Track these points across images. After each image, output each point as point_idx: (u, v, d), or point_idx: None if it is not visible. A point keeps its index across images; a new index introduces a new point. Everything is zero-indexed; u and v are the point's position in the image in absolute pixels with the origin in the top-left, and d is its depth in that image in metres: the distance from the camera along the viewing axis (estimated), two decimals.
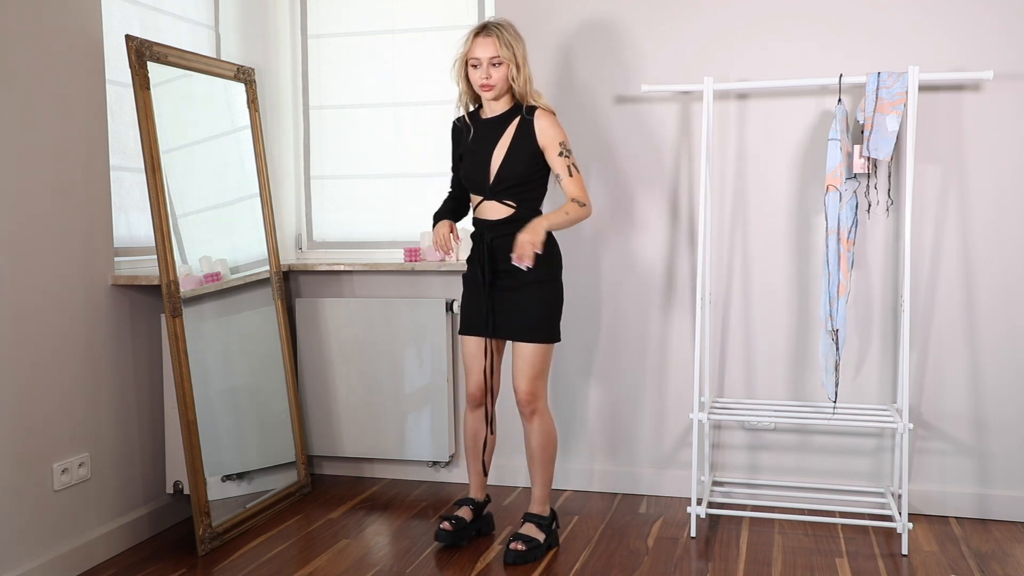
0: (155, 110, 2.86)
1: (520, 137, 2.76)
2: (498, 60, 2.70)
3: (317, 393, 3.65)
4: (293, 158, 3.84)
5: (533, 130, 2.75)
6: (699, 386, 3.05)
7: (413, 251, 3.48)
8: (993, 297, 3.10)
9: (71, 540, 2.74)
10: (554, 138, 2.74)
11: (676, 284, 3.37)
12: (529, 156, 2.75)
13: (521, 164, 2.75)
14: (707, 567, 2.76)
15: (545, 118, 2.75)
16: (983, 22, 3.03)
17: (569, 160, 2.75)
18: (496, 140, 2.78)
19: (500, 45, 2.69)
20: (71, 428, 2.75)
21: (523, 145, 2.75)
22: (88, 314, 2.82)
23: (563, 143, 2.75)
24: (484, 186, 2.79)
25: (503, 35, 2.70)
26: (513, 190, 2.77)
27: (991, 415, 3.13)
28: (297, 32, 3.82)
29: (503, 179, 2.76)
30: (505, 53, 2.69)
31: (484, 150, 2.79)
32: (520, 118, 2.77)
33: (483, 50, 2.70)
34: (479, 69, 2.72)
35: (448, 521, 2.92)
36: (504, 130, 2.78)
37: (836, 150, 2.91)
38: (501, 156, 2.76)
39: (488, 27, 2.72)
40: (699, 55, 3.27)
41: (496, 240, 2.77)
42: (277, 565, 2.80)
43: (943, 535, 3.00)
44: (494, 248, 2.78)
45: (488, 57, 2.70)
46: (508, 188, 2.77)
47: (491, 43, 2.69)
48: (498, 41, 2.69)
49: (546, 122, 2.75)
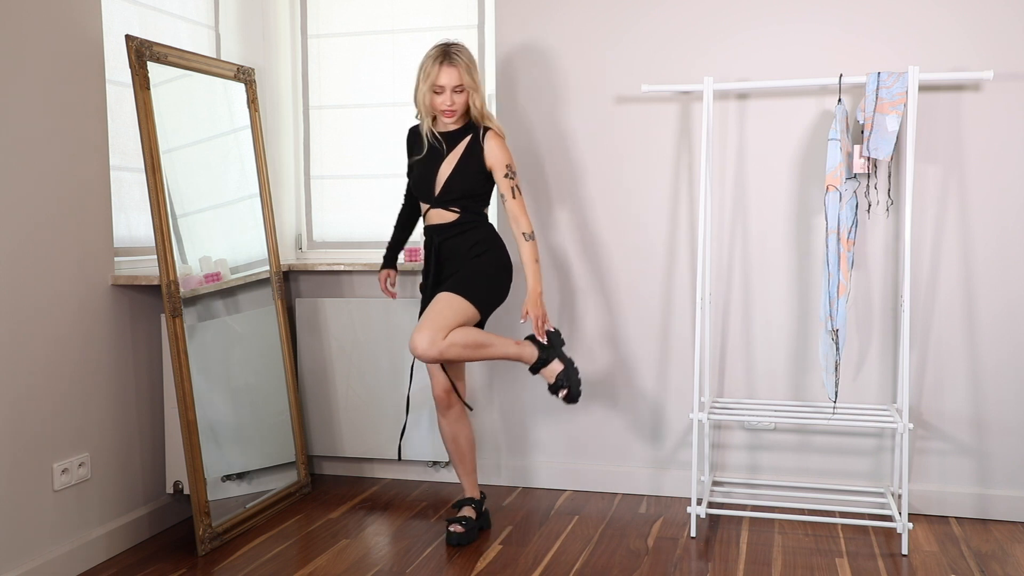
0: (155, 110, 2.86)
1: (468, 155, 2.89)
2: (460, 88, 2.82)
3: (317, 393, 3.65)
4: (293, 158, 3.84)
5: (482, 150, 2.88)
6: (699, 386, 3.05)
7: (413, 251, 3.48)
8: (993, 297, 3.10)
9: (71, 540, 2.74)
10: (501, 160, 2.89)
11: (676, 284, 3.37)
12: (475, 173, 2.90)
13: (467, 180, 2.90)
14: (707, 567, 2.76)
15: (494, 140, 2.90)
16: (983, 22, 3.03)
17: (513, 182, 2.90)
18: (446, 154, 2.91)
19: (463, 73, 2.81)
20: (71, 428, 2.75)
21: (471, 162, 2.89)
22: (88, 314, 2.82)
23: (509, 165, 2.90)
24: (431, 196, 2.94)
25: (463, 62, 2.82)
26: (459, 201, 2.90)
27: (991, 415, 3.13)
28: (297, 32, 3.82)
29: (449, 191, 2.91)
30: (467, 80, 2.82)
31: (433, 162, 2.93)
32: (471, 136, 2.90)
33: (447, 78, 2.82)
34: (442, 95, 2.84)
35: (458, 523, 2.97)
36: (456, 146, 2.91)
37: (836, 150, 2.91)
38: (449, 170, 2.91)
39: (449, 55, 2.83)
40: (699, 55, 3.27)
41: (445, 242, 2.93)
42: (277, 565, 2.80)
43: (943, 535, 3.00)
44: (441, 250, 2.92)
45: (452, 85, 2.82)
46: (454, 199, 2.90)
47: (455, 72, 2.81)
48: (460, 70, 2.81)
49: (495, 143, 2.89)
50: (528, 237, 2.87)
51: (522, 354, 2.89)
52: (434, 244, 2.94)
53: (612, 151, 3.39)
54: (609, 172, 3.39)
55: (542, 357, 2.89)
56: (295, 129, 3.84)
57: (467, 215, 2.91)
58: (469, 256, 2.90)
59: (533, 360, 2.89)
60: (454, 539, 2.94)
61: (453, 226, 2.92)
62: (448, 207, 2.91)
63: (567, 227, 3.44)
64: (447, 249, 2.92)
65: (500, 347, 2.86)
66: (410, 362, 3.54)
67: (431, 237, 2.96)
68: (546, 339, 2.90)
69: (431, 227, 2.96)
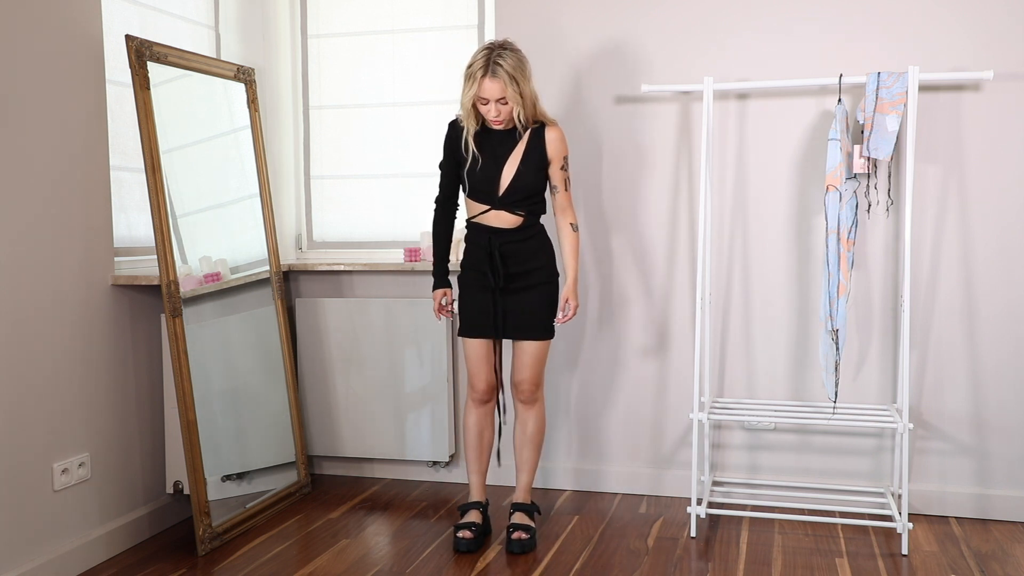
0: (155, 110, 2.86)
1: (531, 149, 2.85)
2: (504, 100, 2.76)
3: (317, 393, 3.65)
4: (293, 158, 3.84)
5: (544, 143, 2.85)
6: (699, 386, 3.05)
7: (413, 251, 3.48)
8: (993, 297, 3.10)
9: (71, 540, 2.74)
10: (562, 151, 2.88)
11: (676, 284, 3.37)
12: (538, 169, 2.86)
13: (531, 176, 2.85)
14: (707, 567, 2.76)
15: (556, 132, 2.87)
16: (983, 22, 3.03)
17: (567, 174, 2.92)
18: (507, 152, 2.85)
19: (507, 86, 2.73)
20: (71, 428, 2.75)
21: (534, 157, 2.85)
22: (88, 314, 2.82)
23: (566, 157, 2.91)
24: (493, 197, 2.85)
25: (507, 73, 2.71)
26: (523, 201, 2.85)
27: (991, 415, 3.13)
28: (297, 32, 3.81)
29: (515, 191, 2.84)
30: (511, 93, 2.74)
31: (494, 162, 2.84)
32: (531, 131, 2.85)
33: (491, 92, 2.75)
34: (488, 106, 2.78)
35: (467, 529, 2.93)
36: (514, 142, 2.85)
37: (836, 150, 2.91)
38: (514, 169, 2.84)
39: (493, 67, 2.72)
40: (699, 55, 3.27)
41: (505, 246, 2.85)
42: (277, 565, 2.80)
43: (943, 535, 3.00)
44: (505, 255, 2.86)
45: (496, 98, 2.76)
46: (519, 200, 2.85)
47: (498, 85, 2.73)
48: (504, 83, 2.72)
49: (557, 135, 2.87)
50: (575, 228, 2.93)
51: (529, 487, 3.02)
52: (494, 246, 2.85)
53: (612, 151, 3.39)
54: (609, 172, 3.39)
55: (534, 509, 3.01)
56: (295, 129, 3.84)
57: (530, 219, 2.87)
58: (537, 279, 2.89)
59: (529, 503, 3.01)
60: (461, 544, 2.90)
61: (517, 231, 2.86)
62: (514, 210, 2.84)
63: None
64: (509, 254, 2.86)
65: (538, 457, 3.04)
66: (411, 360, 3.55)
67: (488, 239, 2.86)
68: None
69: (488, 228, 2.86)
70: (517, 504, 2.99)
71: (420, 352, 3.54)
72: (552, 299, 2.93)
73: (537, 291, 2.89)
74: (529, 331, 2.90)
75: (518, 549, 2.86)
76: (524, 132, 2.84)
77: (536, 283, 2.89)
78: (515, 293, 2.88)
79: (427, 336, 3.51)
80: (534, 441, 3.00)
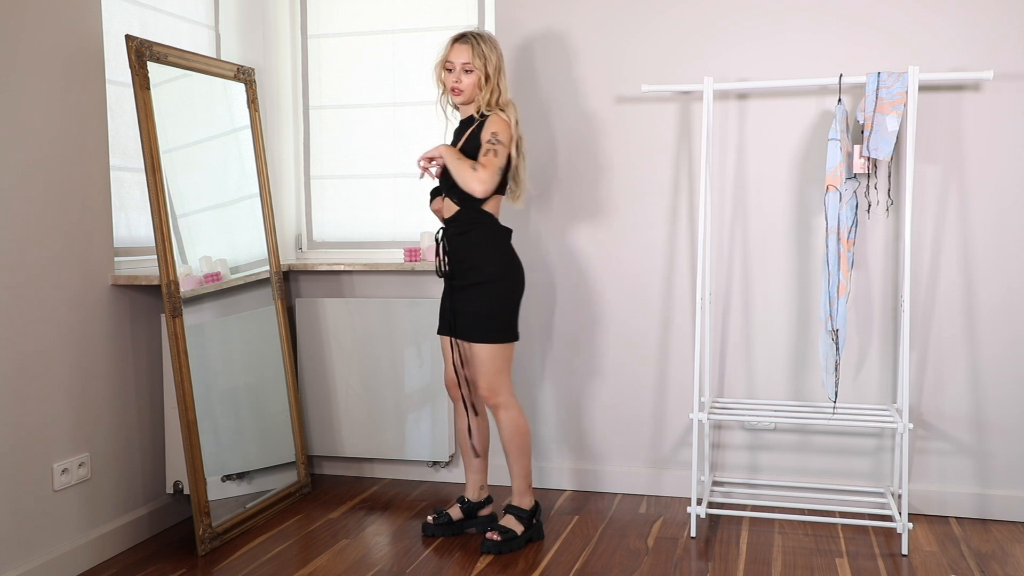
0: (155, 110, 2.86)
1: (473, 136, 2.86)
2: (469, 67, 2.81)
3: (317, 393, 3.65)
4: (293, 158, 3.84)
5: (482, 127, 2.84)
6: (699, 386, 3.05)
7: (413, 251, 3.48)
8: (993, 297, 3.10)
9: (71, 540, 2.74)
10: (491, 128, 2.80)
11: (676, 284, 3.37)
12: (473, 153, 2.84)
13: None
14: (707, 567, 2.76)
15: (495, 115, 2.83)
16: (983, 22, 3.03)
17: (492, 147, 2.78)
18: (457, 141, 2.90)
19: (473, 55, 2.81)
20: (71, 428, 2.75)
21: (472, 142, 2.85)
22: (88, 314, 2.82)
23: (495, 133, 2.79)
24: (443, 183, 2.92)
25: (478, 45, 2.81)
26: (457, 189, 2.84)
27: (991, 415, 3.13)
28: (297, 32, 3.81)
29: (448, 176, 2.87)
30: (477, 63, 2.80)
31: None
32: (480, 120, 2.86)
33: (457, 56, 2.83)
34: (452, 73, 2.84)
35: (434, 514, 3.04)
36: (465, 132, 2.89)
37: (836, 150, 2.91)
38: None
39: (466, 35, 2.85)
40: (699, 55, 3.27)
41: (450, 239, 2.90)
42: (277, 565, 2.80)
43: (943, 535, 3.00)
44: (450, 247, 2.89)
45: (461, 63, 2.82)
46: (453, 185, 2.85)
47: (466, 50, 2.82)
48: (472, 50, 2.81)
49: (494, 117, 2.82)
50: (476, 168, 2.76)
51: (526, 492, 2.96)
52: (441, 237, 2.90)
53: (612, 151, 3.38)
54: (609, 172, 3.39)
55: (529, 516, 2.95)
56: (295, 129, 3.84)
57: (468, 210, 2.85)
58: (477, 277, 2.84)
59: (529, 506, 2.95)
60: (423, 527, 3.03)
61: (455, 222, 2.88)
62: (452, 197, 2.88)
63: (567, 227, 3.44)
64: (453, 247, 2.88)
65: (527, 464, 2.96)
66: (411, 360, 3.55)
67: (441, 229, 2.93)
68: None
69: (444, 219, 2.94)
70: (507, 506, 3.00)
71: (420, 352, 3.54)
72: (498, 303, 2.86)
73: (478, 290, 2.85)
74: (470, 332, 2.86)
75: (483, 549, 2.87)
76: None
77: (477, 281, 2.84)
78: (461, 291, 2.88)
79: (427, 336, 3.51)
80: (509, 446, 2.95)
